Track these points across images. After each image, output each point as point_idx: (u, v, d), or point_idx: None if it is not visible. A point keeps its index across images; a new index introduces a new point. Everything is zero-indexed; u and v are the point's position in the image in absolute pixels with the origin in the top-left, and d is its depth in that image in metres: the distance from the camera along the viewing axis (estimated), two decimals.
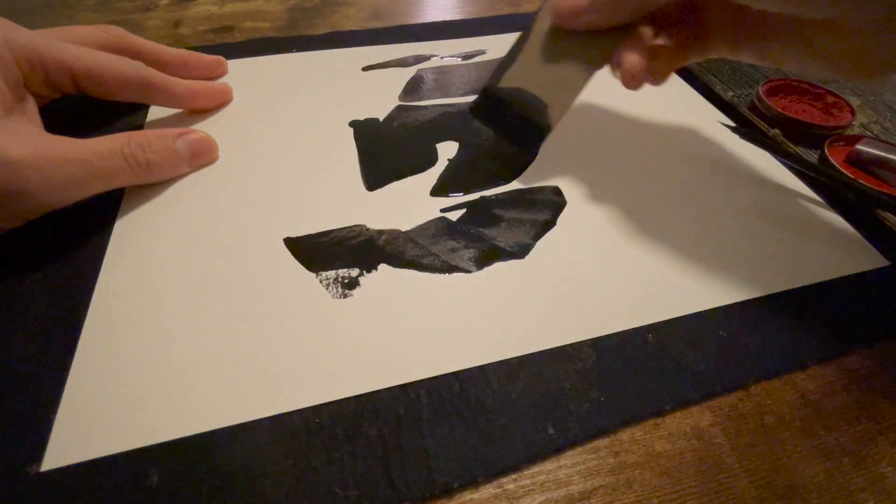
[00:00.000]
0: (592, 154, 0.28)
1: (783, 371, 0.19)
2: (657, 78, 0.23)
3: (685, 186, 0.27)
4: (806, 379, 0.19)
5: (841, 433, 0.18)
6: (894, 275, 0.23)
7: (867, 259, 0.23)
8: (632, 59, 0.22)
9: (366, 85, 0.33)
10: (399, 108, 0.31)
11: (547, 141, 0.29)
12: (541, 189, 0.26)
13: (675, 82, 0.35)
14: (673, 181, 0.27)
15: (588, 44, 0.23)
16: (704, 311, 0.21)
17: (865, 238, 0.24)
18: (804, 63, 0.21)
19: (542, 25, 0.24)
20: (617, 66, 0.23)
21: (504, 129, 0.26)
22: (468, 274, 0.22)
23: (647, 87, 0.35)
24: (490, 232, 0.24)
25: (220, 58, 0.34)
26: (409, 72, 0.35)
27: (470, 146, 0.29)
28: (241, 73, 0.34)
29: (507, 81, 0.24)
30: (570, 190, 0.26)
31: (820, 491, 0.16)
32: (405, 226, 0.24)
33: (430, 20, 0.42)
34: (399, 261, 0.22)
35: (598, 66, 0.24)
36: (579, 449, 0.17)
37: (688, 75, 0.35)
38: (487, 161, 0.28)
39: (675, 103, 0.33)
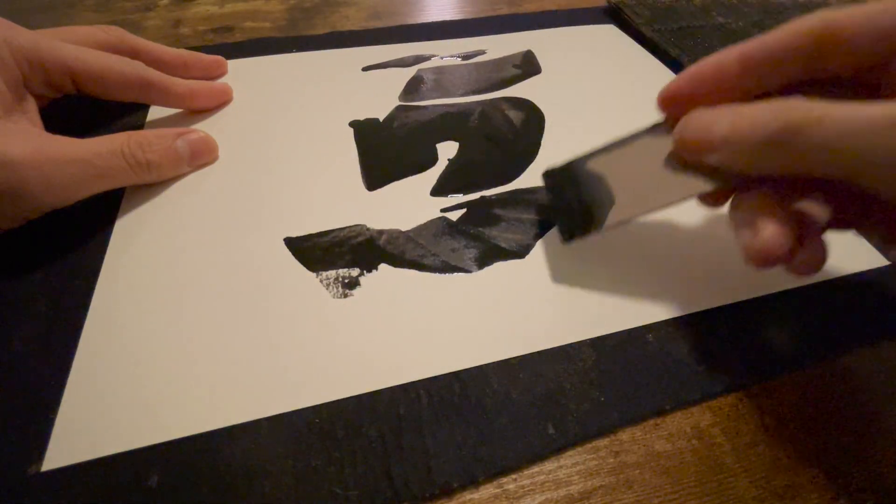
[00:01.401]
0: None
1: (783, 371, 0.19)
2: (803, 269, 0.17)
3: None
4: (806, 379, 0.19)
5: (841, 433, 0.18)
6: (894, 274, 0.23)
7: (867, 258, 0.23)
8: (770, 229, 0.16)
9: (366, 85, 0.33)
10: (399, 108, 0.31)
11: (545, 142, 0.29)
12: (541, 189, 0.26)
13: None
14: None
15: (700, 173, 0.18)
16: (704, 311, 0.21)
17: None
18: None
19: (659, 135, 0.20)
20: (748, 233, 0.17)
21: (559, 204, 0.23)
22: (469, 274, 0.22)
23: (645, 87, 0.35)
24: (490, 232, 0.24)
25: (220, 58, 0.34)
26: (409, 72, 0.35)
27: (470, 146, 0.29)
28: (241, 73, 0.34)
29: (595, 164, 0.22)
30: None
31: (820, 491, 0.16)
32: (405, 226, 0.24)
33: (430, 20, 0.42)
34: (400, 260, 0.22)
35: (692, 196, 0.19)
36: (579, 449, 0.17)
37: None
38: (487, 161, 0.28)
39: None
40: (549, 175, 0.24)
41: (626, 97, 0.33)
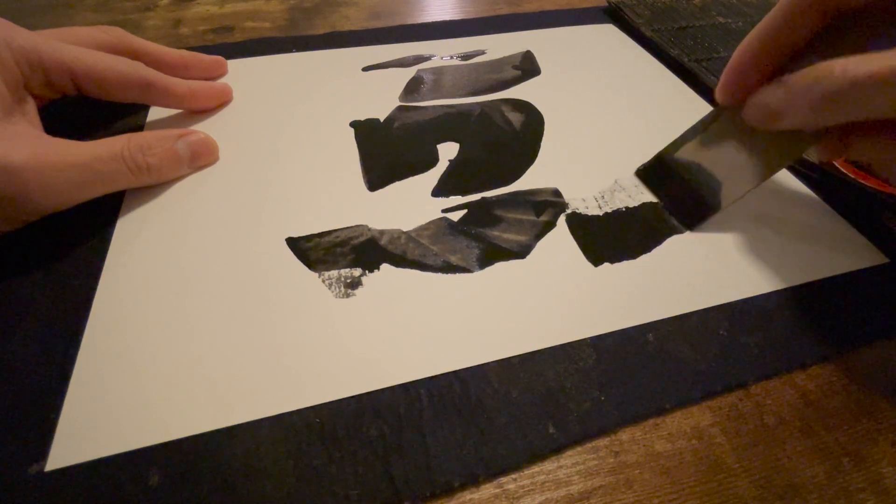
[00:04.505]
0: (592, 156, 0.28)
1: (783, 371, 0.19)
2: None
3: None
4: (806, 379, 0.19)
5: (841, 433, 0.18)
6: (894, 272, 0.23)
7: (866, 256, 0.23)
8: (883, 156, 0.20)
9: (366, 85, 0.33)
10: (399, 108, 0.31)
11: (545, 143, 0.29)
12: (541, 190, 0.26)
13: (676, 84, 0.34)
14: None
15: (784, 138, 0.21)
16: (704, 311, 0.21)
17: (865, 236, 0.24)
18: None
19: (732, 113, 0.23)
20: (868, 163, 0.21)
21: (668, 196, 0.25)
22: (470, 273, 0.22)
23: (645, 87, 0.35)
24: (491, 232, 0.24)
25: (220, 58, 0.34)
26: (410, 72, 0.35)
27: (470, 148, 0.29)
28: (241, 73, 0.34)
29: (685, 154, 0.24)
30: (570, 191, 0.26)
31: (820, 491, 0.17)
32: (407, 226, 0.24)
33: (430, 20, 0.42)
34: (401, 260, 0.22)
35: (792, 159, 0.22)
36: (579, 449, 0.17)
37: (688, 76, 0.35)
38: (488, 163, 0.28)
39: (676, 105, 0.33)
40: (642, 172, 0.25)
41: (626, 97, 0.33)
